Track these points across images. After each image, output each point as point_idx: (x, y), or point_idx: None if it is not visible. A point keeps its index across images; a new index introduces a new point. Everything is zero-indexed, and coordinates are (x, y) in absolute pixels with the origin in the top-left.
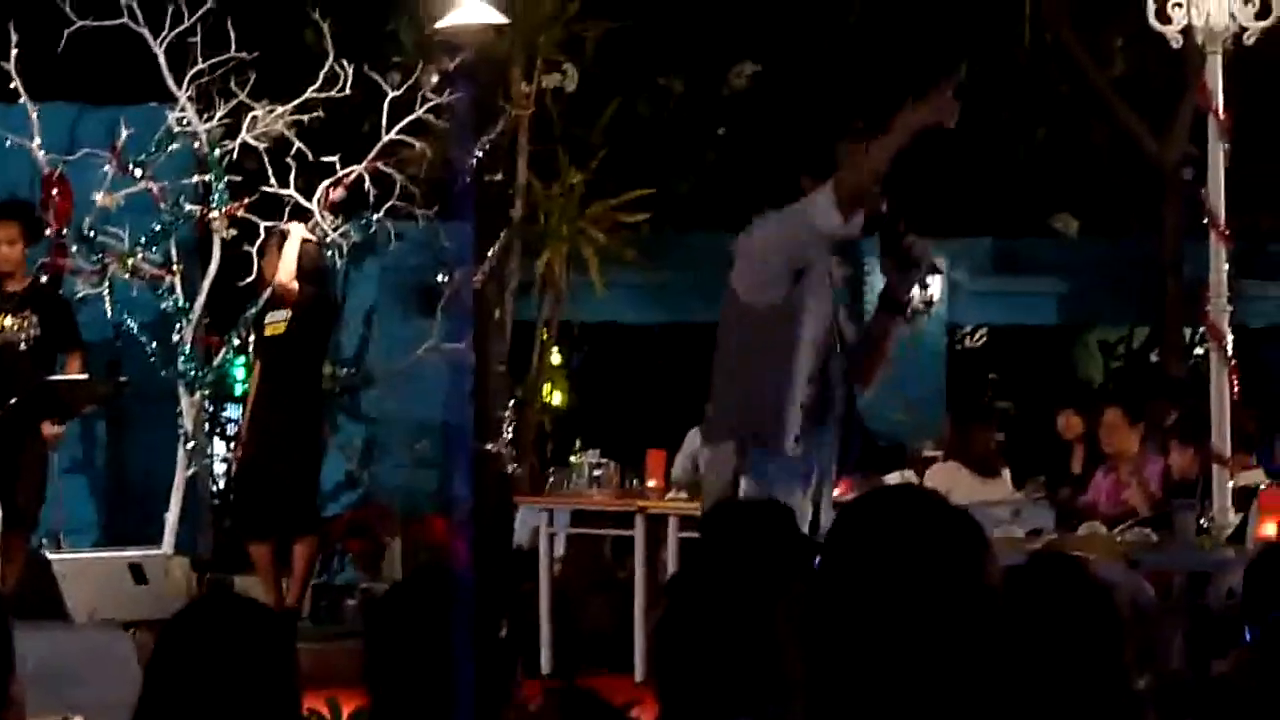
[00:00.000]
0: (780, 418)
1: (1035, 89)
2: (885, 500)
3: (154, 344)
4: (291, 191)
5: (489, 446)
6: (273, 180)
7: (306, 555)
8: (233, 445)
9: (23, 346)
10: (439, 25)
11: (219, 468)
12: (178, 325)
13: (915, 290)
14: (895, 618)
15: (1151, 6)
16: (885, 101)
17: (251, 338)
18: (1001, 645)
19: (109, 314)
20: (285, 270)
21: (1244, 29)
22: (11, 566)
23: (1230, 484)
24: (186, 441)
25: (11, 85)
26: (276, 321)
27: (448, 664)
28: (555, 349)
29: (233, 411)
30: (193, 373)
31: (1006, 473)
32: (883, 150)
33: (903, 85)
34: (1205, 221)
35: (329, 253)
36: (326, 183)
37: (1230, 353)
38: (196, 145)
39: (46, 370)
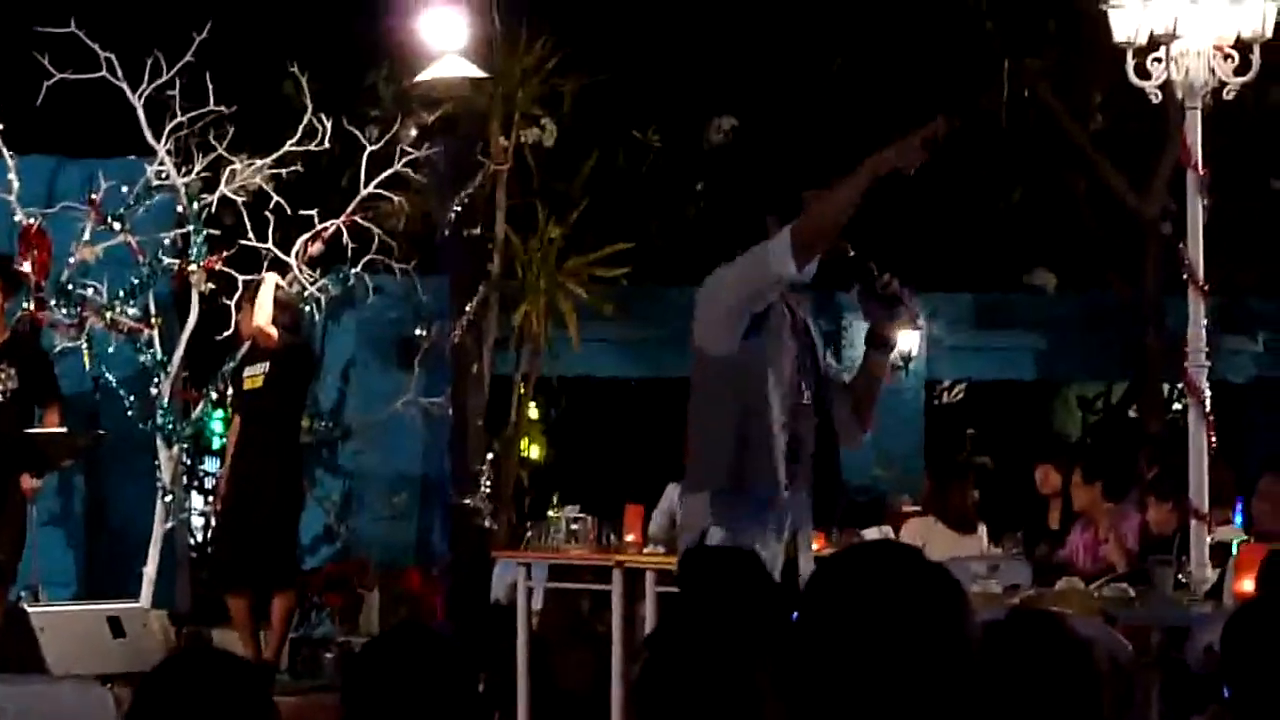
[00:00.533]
0: (766, 464)
1: (1014, 144)
2: (864, 555)
3: (132, 397)
4: (270, 245)
5: (467, 500)
6: (251, 234)
7: (285, 608)
8: (211, 498)
9: (0, 399)
10: (417, 79)
11: (197, 521)
12: (156, 379)
13: (898, 332)
14: (874, 673)
15: (1131, 61)
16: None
17: (230, 391)
18: (980, 700)
19: (87, 367)
20: (262, 315)
21: (1223, 84)
22: None
23: (1208, 539)
24: (165, 494)
25: None
26: (255, 375)
27: (426, 719)
28: (533, 403)
29: (211, 465)
30: (171, 426)
31: (982, 528)
32: (843, 193)
33: (881, 139)
34: (1185, 276)
35: (306, 307)
36: (304, 236)
37: (1208, 408)
38: (175, 198)
39: (25, 423)
